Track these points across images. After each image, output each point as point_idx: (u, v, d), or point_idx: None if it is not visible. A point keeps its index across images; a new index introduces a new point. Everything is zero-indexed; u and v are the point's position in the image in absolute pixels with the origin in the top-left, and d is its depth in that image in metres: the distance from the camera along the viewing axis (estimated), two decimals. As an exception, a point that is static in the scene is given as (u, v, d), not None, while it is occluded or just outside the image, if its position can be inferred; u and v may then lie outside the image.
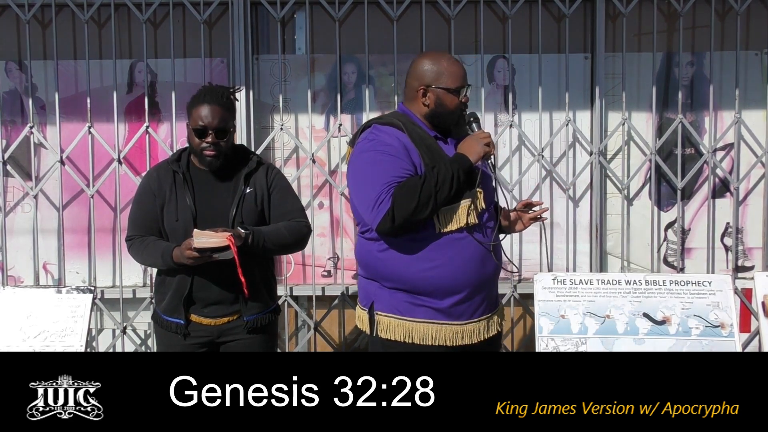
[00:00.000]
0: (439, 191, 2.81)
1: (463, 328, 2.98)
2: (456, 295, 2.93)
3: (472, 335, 2.99)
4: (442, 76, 2.96)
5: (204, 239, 2.91)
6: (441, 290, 2.92)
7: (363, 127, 3.04)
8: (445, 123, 3.01)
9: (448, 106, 2.97)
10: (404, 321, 2.96)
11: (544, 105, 4.35)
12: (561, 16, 4.36)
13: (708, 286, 3.02)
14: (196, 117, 3.07)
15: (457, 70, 2.98)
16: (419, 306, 2.94)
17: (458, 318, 2.96)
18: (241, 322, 3.19)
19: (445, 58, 3.01)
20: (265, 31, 4.43)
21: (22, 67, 4.37)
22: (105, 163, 4.35)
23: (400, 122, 2.95)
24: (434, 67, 2.97)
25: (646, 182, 4.47)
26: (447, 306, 2.94)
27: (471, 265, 2.92)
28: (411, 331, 2.95)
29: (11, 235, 4.41)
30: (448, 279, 2.91)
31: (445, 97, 2.96)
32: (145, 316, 4.37)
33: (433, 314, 2.94)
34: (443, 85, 2.96)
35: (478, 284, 2.96)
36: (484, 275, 2.97)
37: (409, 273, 2.92)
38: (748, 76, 4.43)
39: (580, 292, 3.03)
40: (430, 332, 2.95)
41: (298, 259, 4.45)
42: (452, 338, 2.95)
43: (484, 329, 3.03)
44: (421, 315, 2.95)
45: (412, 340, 2.95)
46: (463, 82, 2.99)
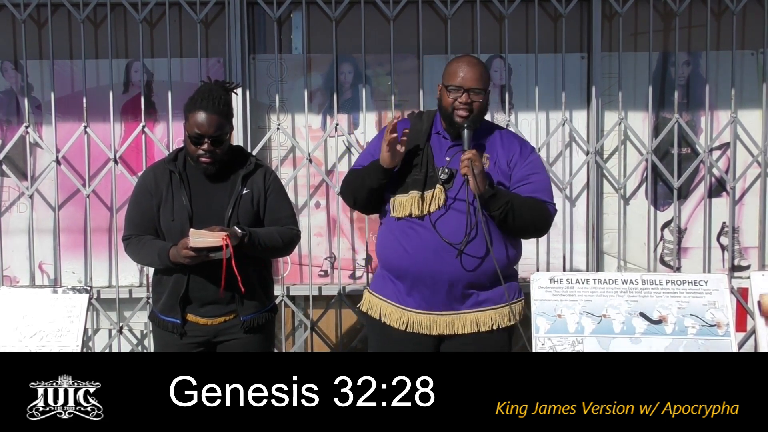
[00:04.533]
0: (366, 182, 3.12)
1: (419, 317, 3.13)
2: (404, 280, 3.12)
3: (431, 327, 3.12)
4: (447, 74, 3.13)
5: (200, 239, 2.92)
6: (394, 270, 3.16)
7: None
8: (445, 120, 3.16)
9: (443, 103, 3.13)
10: (373, 296, 3.24)
11: (541, 105, 4.36)
12: (557, 16, 4.37)
13: (704, 285, 3.02)
14: (193, 123, 3.06)
15: (460, 71, 3.08)
16: (388, 282, 3.19)
17: (412, 305, 3.13)
18: (237, 321, 3.20)
19: (462, 59, 3.18)
20: (261, 31, 4.43)
21: (17, 66, 4.35)
22: (101, 163, 4.34)
23: (416, 116, 3.27)
24: (449, 66, 3.17)
25: (643, 182, 4.48)
26: (401, 290, 3.14)
27: (419, 254, 3.06)
28: (377, 307, 3.22)
29: (7, 235, 4.40)
30: (395, 260, 3.13)
31: (442, 93, 3.14)
32: (141, 316, 4.36)
33: (392, 294, 3.17)
34: (443, 82, 3.13)
35: (428, 275, 3.07)
36: (436, 269, 3.06)
37: (378, 248, 3.23)
38: (744, 75, 4.44)
39: (577, 292, 3.03)
40: (386, 311, 3.18)
41: (294, 259, 4.45)
42: (404, 323, 3.13)
43: (447, 325, 3.12)
44: (385, 293, 3.20)
45: (379, 316, 3.20)
46: (459, 82, 3.07)
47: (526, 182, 3.13)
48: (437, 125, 3.19)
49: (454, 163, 3.09)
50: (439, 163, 3.11)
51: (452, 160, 3.10)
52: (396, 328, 3.15)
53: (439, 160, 3.13)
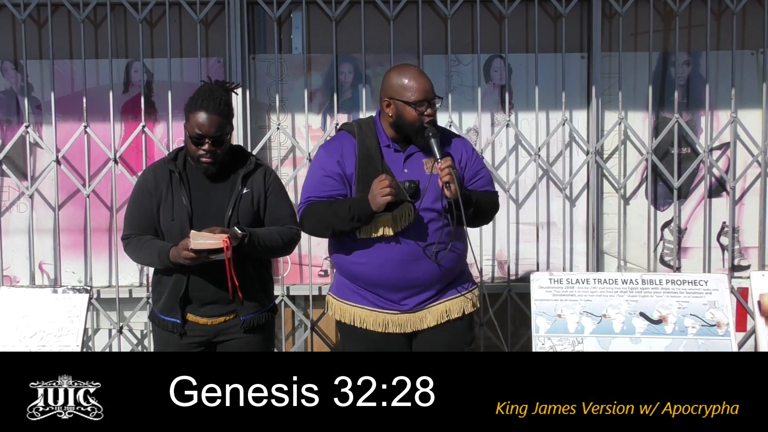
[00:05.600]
0: (336, 225, 3.13)
1: (394, 316, 3.22)
2: (380, 289, 3.19)
3: (405, 325, 3.22)
4: (404, 89, 3.11)
5: (201, 240, 2.92)
6: (368, 283, 3.20)
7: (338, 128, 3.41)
8: (406, 133, 3.17)
9: (407, 118, 3.12)
10: (342, 303, 3.29)
11: (541, 104, 4.36)
12: (557, 16, 4.36)
13: (704, 285, 3.03)
14: (193, 124, 3.06)
15: (419, 84, 3.11)
16: (354, 292, 3.25)
17: (386, 306, 3.21)
18: (237, 321, 3.20)
19: (410, 72, 3.17)
20: (261, 31, 4.43)
21: (17, 66, 4.35)
22: (101, 163, 4.33)
23: (357, 129, 3.24)
24: (398, 80, 3.13)
25: (643, 182, 4.48)
26: (377, 296, 3.21)
27: (392, 266, 3.14)
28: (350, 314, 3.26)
29: (7, 235, 4.40)
30: (372, 274, 3.17)
31: (404, 109, 3.11)
32: (141, 316, 4.36)
33: (363, 300, 3.23)
34: (403, 98, 3.11)
35: (403, 283, 3.17)
36: (407, 277, 3.16)
37: (346, 263, 3.25)
38: (744, 75, 4.44)
39: (577, 292, 3.04)
40: (360, 316, 3.24)
41: (294, 259, 4.45)
42: (382, 325, 3.22)
43: (420, 320, 3.23)
44: (353, 299, 3.26)
45: (353, 322, 3.26)
46: (423, 96, 3.11)
47: (478, 178, 3.29)
48: (383, 137, 3.21)
49: (412, 174, 3.15)
50: (399, 177, 3.13)
51: (410, 172, 3.16)
52: (373, 330, 3.23)
53: (398, 174, 3.14)
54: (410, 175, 3.14)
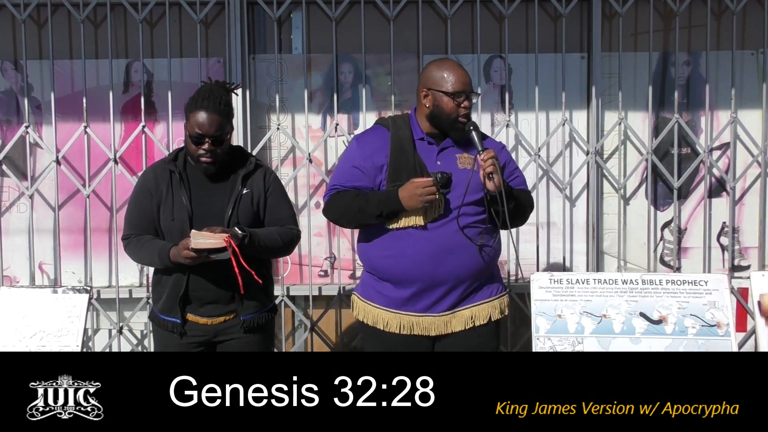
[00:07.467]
0: (361, 218, 3.14)
1: (419, 319, 3.16)
2: (410, 287, 3.13)
3: (430, 328, 3.16)
4: (443, 80, 3.13)
5: (201, 240, 2.92)
6: (395, 278, 3.15)
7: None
8: (442, 125, 3.17)
9: (445, 109, 3.13)
10: (366, 304, 3.25)
11: (541, 105, 4.36)
12: (557, 16, 4.36)
13: (704, 285, 3.03)
14: (193, 123, 3.07)
15: (458, 76, 3.14)
16: (378, 292, 3.20)
17: (413, 309, 3.15)
18: (237, 321, 3.20)
19: (450, 64, 3.21)
20: (261, 31, 4.43)
21: (17, 66, 4.35)
22: (101, 163, 4.33)
23: (391, 122, 3.24)
24: (438, 72, 3.16)
25: (643, 182, 4.48)
26: (403, 296, 3.15)
27: (423, 259, 3.08)
28: (373, 316, 3.22)
29: (7, 235, 4.40)
30: (400, 269, 3.12)
31: (442, 100, 3.13)
32: (141, 316, 4.36)
33: (389, 302, 3.18)
34: (442, 89, 3.12)
35: (433, 279, 3.10)
36: (440, 271, 3.10)
37: (373, 256, 3.21)
38: (744, 75, 4.44)
39: (577, 292, 3.03)
40: (384, 318, 3.19)
41: (294, 259, 4.45)
42: (407, 327, 3.16)
43: (445, 324, 3.16)
44: (379, 301, 3.20)
45: (376, 324, 3.21)
46: (462, 87, 3.13)
47: (514, 176, 3.30)
48: (417, 131, 3.21)
49: (444, 166, 3.13)
50: (431, 169, 3.12)
51: (443, 165, 3.14)
52: (397, 333, 3.18)
53: (430, 166, 3.14)
54: (443, 168, 3.12)
